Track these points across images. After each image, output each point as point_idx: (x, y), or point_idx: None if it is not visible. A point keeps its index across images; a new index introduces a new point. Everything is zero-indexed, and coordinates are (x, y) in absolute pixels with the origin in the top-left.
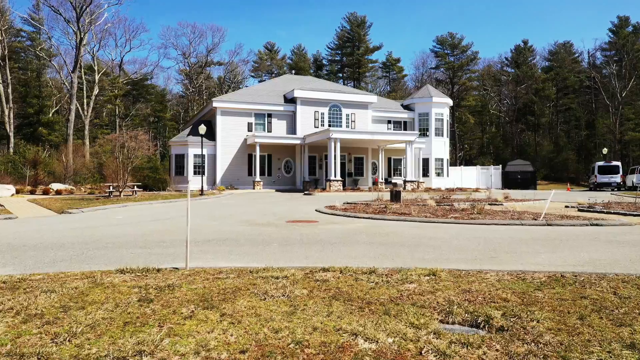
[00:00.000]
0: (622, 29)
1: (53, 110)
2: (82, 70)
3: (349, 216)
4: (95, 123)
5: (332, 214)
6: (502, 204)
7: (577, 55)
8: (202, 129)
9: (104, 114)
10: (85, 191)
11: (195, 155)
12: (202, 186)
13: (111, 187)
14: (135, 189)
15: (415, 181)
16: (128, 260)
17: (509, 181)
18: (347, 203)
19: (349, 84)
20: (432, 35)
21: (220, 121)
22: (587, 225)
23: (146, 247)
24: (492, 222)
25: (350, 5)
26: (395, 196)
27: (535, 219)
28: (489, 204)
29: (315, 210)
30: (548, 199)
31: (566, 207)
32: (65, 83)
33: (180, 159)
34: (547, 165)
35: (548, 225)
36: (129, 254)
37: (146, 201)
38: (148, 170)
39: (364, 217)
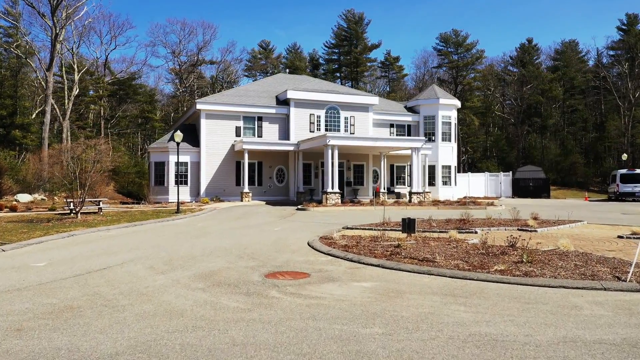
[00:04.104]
0: (633, 26)
1: (37, 111)
2: (64, 68)
3: (352, 260)
4: (78, 125)
5: (328, 255)
6: (536, 230)
7: (582, 54)
8: (179, 135)
9: (92, 115)
10: (49, 205)
11: (177, 164)
12: (178, 202)
13: (71, 204)
14: (101, 205)
15: (421, 192)
16: None
17: (520, 189)
18: (347, 228)
19: (346, 84)
20: (432, 33)
21: (205, 125)
22: None
23: None
24: (558, 283)
25: (348, 4)
26: (409, 226)
27: (620, 278)
28: (518, 229)
29: (308, 245)
30: (581, 221)
31: (620, 237)
32: (42, 82)
33: (161, 167)
34: (555, 169)
35: None
36: None
37: (104, 226)
38: (134, 174)
39: (371, 265)
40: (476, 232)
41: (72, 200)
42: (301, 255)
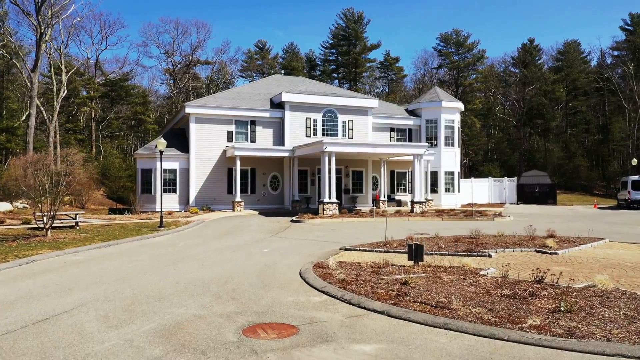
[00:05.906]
0: (638, 26)
1: (26, 114)
2: (52, 69)
3: (350, 303)
4: (68, 128)
5: (322, 292)
6: (556, 253)
7: (585, 54)
8: (162, 144)
9: (83, 117)
10: (26, 216)
11: (161, 174)
12: (161, 215)
13: (44, 219)
14: (79, 218)
15: (424, 201)
16: None
17: (525, 195)
18: (346, 249)
19: (344, 85)
20: (433, 33)
21: (195, 130)
22: None
23: None
24: (614, 350)
25: (347, 3)
26: (416, 253)
27: None
28: (536, 250)
29: (300, 276)
30: (603, 239)
31: None
32: (29, 84)
33: (148, 174)
34: (558, 173)
35: None
36: None
37: (73, 247)
38: (126, 179)
39: (375, 311)
40: (490, 256)
41: (42, 214)
42: (290, 292)
